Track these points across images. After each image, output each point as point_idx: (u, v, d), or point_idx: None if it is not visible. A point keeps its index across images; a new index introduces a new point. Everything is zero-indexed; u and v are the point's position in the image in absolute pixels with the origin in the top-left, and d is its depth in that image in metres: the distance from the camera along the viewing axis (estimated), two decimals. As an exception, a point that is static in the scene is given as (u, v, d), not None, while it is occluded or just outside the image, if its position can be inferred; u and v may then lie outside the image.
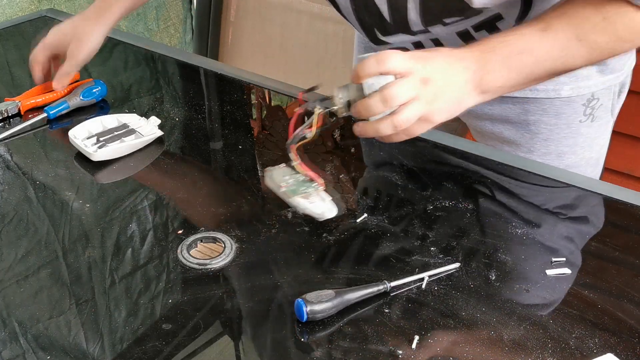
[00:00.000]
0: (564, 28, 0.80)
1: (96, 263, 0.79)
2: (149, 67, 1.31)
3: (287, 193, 0.81)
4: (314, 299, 0.70)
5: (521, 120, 1.05)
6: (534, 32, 0.81)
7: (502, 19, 0.92)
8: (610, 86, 1.04)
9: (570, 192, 0.95)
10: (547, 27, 0.80)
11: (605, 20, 0.79)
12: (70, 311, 0.73)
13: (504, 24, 0.93)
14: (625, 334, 0.71)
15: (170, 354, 0.68)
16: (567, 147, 1.06)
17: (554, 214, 0.91)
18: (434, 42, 0.98)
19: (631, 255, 0.83)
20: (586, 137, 1.06)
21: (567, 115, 1.03)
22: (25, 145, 1.03)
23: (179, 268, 0.79)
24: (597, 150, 1.10)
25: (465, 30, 0.94)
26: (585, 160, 1.09)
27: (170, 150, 1.02)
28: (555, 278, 0.78)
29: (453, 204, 0.90)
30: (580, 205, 0.94)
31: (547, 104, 1.02)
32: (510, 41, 0.81)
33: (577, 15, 0.80)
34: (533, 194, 0.95)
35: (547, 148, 1.06)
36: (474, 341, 0.70)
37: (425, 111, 0.77)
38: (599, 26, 0.80)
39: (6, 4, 1.91)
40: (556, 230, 0.87)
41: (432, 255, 0.81)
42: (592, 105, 1.03)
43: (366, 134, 0.79)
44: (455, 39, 0.95)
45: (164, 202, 0.91)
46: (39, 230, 0.84)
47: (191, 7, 2.51)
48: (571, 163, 1.07)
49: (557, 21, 0.81)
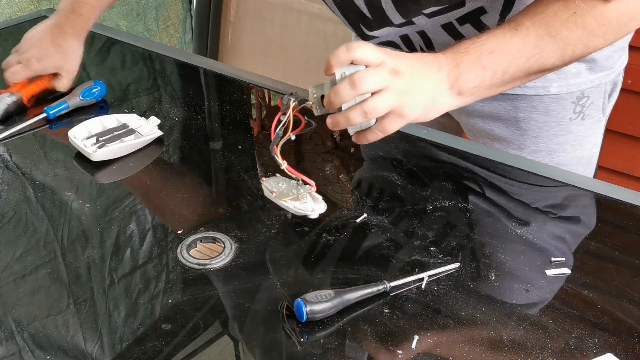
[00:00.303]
0: (535, 26, 0.81)
1: (95, 263, 0.79)
2: (149, 67, 1.31)
3: (278, 197, 0.82)
4: (313, 299, 0.70)
5: (511, 117, 1.05)
6: (506, 32, 0.81)
7: (486, 13, 0.93)
8: (601, 84, 1.04)
9: (572, 191, 0.95)
10: (518, 25, 0.81)
11: (575, 14, 0.80)
12: (68, 310, 0.72)
13: (488, 18, 0.93)
14: (625, 334, 0.71)
15: (169, 354, 0.68)
16: (557, 145, 1.06)
17: (554, 213, 0.91)
18: (420, 34, 0.98)
19: (631, 255, 0.83)
20: (577, 136, 1.06)
21: (556, 113, 1.03)
22: (25, 145, 1.03)
23: (178, 268, 0.79)
24: (589, 149, 1.10)
25: (449, 22, 0.94)
26: (577, 159, 1.09)
27: (170, 150, 1.02)
28: (555, 278, 0.78)
29: (453, 203, 0.90)
30: (580, 205, 0.94)
31: (537, 100, 1.03)
32: (481, 42, 0.81)
33: (547, 12, 0.81)
34: (533, 193, 0.95)
35: (537, 145, 1.06)
36: (473, 341, 0.70)
37: (396, 103, 0.77)
38: (570, 21, 0.80)
39: (5, 4, 1.91)
40: (556, 230, 0.87)
41: (432, 255, 0.81)
42: (582, 103, 1.03)
43: (338, 124, 0.79)
44: (441, 31, 0.96)
45: (163, 202, 0.91)
46: (38, 229, 0.84)
47: (191, 7, 2.51)
48: (562, 161, 1.07)
49: (528, 19, 0.81)
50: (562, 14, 0.80)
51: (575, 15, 0.80)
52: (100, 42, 1.36)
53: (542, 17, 0.81)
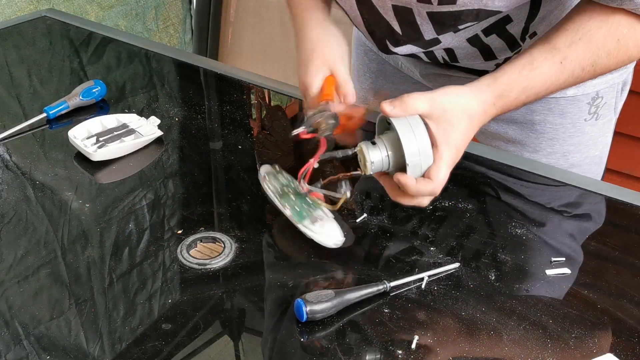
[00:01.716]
0: (581, 57, 0.81)
1: (95, 263, 0.79)
2: (148, 67, 1.31)
3: (293, 218, 0.82)
4: (313, 299, 0.70)
5: (526, 120, 1.05)
6: (552, 67, 0.81)
7: (512, 21, 0.92)
8: (614, 84, 1.04)
9: (571, 192, 0.95)
10: (565, 59, 0.81)
11: (619, 42, 0.80)
12: (70, 311, 0.72)
13: (514, 27, 0.92)
14: (625, 334, 0.71)
15: (170, 353, 0.68)
16: (572, 146, 1.06)
17: (554, 213, 0.91)
18: (446, 50, 0.98)
19: (631, 255, 0.83)
20: (591, 136, 1.06)
21: (572, 114, 1.03)
22: (25, 145, 1.02)
23: (178, 268, 0.79)
24: (601, 148, 1.10)
25: (474, 35, 0.94)
26: (590, 159, 1.09)
27: (170, 150, 1.02)
28: (555, 278, 0.78)
29: (452, 203, 0.90)
30: (581, 206, 0.94)
31: (553, 103, 1.02)
32: (531, 85, 0.81)
33: (592, 41, 0.80)
34: (532, 193, 0.95)
35: (552, 147, 1.06)
36: (473, 341, 0.70)
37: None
38: (614, 52, 0.81)
39: (5, 4, 1.91)
40: (556, 230, 0.87)
41: (432, 255, 0.81)
42: (596, 104, 1.03)
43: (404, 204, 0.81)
44: (466, 45, 0.95)
45: (163, 202, 0.91)
46: (38, 230, 0.84)
47: (191, 7, 2.51)
48: (576, 162, 1.07)
49: (574, 51, 0.81)
50: (608, 45, 0.80)
51: (619, 43, 0.80)
52: (99, 42, 1.36)
53: (587, 47, 0.80)
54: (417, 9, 0.86)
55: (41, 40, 1.37)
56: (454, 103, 0.79)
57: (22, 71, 1.24)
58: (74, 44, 1.36)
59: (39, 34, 1.40)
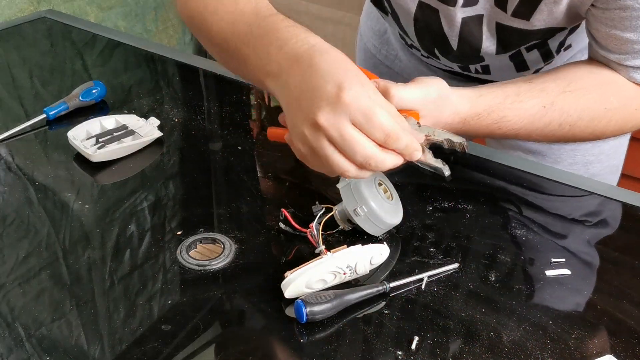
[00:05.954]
0: (565, 110, 0.82)
1: (96, 264, 0.79)
2: (148, 68, 1.31)
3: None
4: (313, 300, 0.70)
5: None
6: (535, 107, 0.81)
7: (553, 36, 0.91)
8: None
9: (575, 192, 0.95)
10: (551, 104, 0.81)
11: (607, 111, 0.82)
12: (71, 313, 0.72)
13: (554, 41, 0.92)
14: (625, 335, 0.71)
15: (169, 354, 0.68)
16: (593, 156, 1.05)
17: (554, 213, 0.91)
18: (483, 67, 0.98)
19: (631, 256, 0.83)
20: (611, 145, 1.06)
21: None
22: (25, 146, 1.03)
23: (178, 269, 0.79)
24: (618, 157, 1.10)
25: (517, 51, 0.93)
26: (609, 168, 1.08)
27: (170, 151, 1.02)
28: (555, 279, 0.78)
29: (452, 204, 0.90)
30: (581, 206, 0.94)
31: None
32: (509, 117, 0.81)
33: (582, 99, 0.82)
34: (535, 195, 0.95)
35: (573, 158, 1.06)
36: (473, 342, 0.70)
37: None
38: (595, 120, 0.83)
39: (5, 5, 1.91)
40: (555, 230, 0.87)
41: (432, 255, 0.81)
42: None
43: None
44: (508, 63, 0.95)
45: (163, 203, 0.91)
46: (39, 231, 0.84)
47: (190, 8, 2.51)
48: (596, 172, 1.06)
49: (562, 100, 0.82)
50: (595, 109, 0.82)
51: (606, 112, 0.82)
52: (99, 43, 1.36)
53: (575, 101, 0.82)
54: (490, 16, 0.84)
55: (42, 41, 1.38)
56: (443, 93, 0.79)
57: (23, 72, 1.24)
58: (74, 45, 1.36)
59: (39, 35, 1.40)
